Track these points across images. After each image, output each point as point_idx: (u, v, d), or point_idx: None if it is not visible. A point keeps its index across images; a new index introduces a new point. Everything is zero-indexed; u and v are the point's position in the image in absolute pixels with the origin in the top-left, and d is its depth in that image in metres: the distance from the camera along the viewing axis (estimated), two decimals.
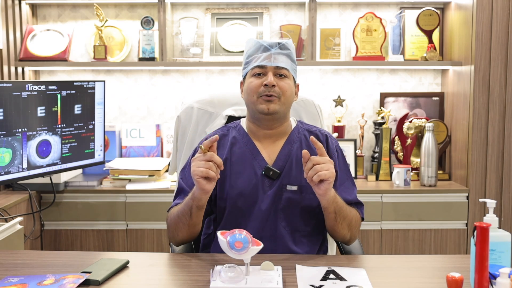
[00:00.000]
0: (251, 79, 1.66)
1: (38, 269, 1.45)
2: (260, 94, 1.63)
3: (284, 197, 1.65)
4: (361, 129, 3.17)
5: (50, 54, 3.06)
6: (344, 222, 1.62)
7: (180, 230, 1.61)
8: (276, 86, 1.63)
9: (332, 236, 1.71)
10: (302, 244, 1.67)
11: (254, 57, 1.67)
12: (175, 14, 3.20)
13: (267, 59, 1.65)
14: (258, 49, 1.67)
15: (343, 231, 1.64)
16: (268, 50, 1.65)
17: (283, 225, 1.65)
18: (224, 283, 1.30)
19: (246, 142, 1.71)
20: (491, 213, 1.29)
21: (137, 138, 3.17)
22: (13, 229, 2.12)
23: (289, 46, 1.69)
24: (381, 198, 2.82)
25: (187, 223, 1.58)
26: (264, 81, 1.63)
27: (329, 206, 1.57)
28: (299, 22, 3.19)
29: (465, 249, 2.84)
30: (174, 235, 1.65)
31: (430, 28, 3.06)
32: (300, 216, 1.66)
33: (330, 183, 1.50)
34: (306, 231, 1.68)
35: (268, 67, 1.64)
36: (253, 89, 1.65)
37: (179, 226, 1.60)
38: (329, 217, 1.60)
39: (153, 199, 2.79)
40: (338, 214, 1.59)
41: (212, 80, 3.23)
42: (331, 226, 1.64)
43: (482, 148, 2.82)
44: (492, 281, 1.20)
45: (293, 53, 1.72)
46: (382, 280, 1.38)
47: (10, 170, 2.18)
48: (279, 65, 1.64)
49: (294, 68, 1.71)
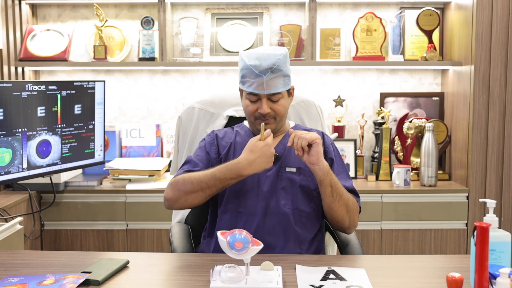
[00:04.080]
0: (247, 101, 1.74)
1: (38, 269, 1.45)
2: (257, 118, 1.74)
3: (284, 177, 1.73)
4: (361, 129, 3.17)
5: (50, 54, 3.06)
6: (341, 200, 1.66)
7: (197, 197, 1.66)
8: (270, 111, 1.71)
9: (331, 220, 1.72)
10: (302, 224, 1.72)
11: (247, 80, 1.70)
12: (175, 14, 3.20)
13: (260, 87, 1.68)
14: (251, 73, 1.69)
15: (341, 210, 1.67)
16: (260, 77, 1.67)
17: (283, 203, 1.71)
18: (224, 283, 1.31)
19: (248, 135, 1.81)
20: (491, 213, 1.29)
21: (137, 138, 3.17)
22: (13, 229, 2.12)
23: (281, 66, 1.69)
24: (381, 198, 2.82)
25: (208, 193, 1.66)
26: (258, 108, 1.71)
27: (325, 178, 1.64)
28: (299, 22, 3.19)
29: (465, 249, 2.84)
30: (186, 199, 1.67)
31: (430, 28, 3.06)
32: (300, 196, 1.73)
33: (318, 145, 1.62)
34: (306, 211, 1.73)
35: (261, 95, 1.70)
36: (249, 113, 1.75)
37: (198, 194, 1.65)
38: (326, 192, 1.65)
39: (153, 199, 2.79)
40: (334, 189, 1.65)
41: (212, 80, 3.23)
42: (328, 204, 1.67)
43: (482, 148, 2.82)
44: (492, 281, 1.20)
45: (287, 67, 1.72)
46: (382, 280, 1.38)
47: (10, 170, 2.18)
48: (271, 92, 1.69)
49: (288, 82, 1.74)
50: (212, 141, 1.81)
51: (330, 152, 1.79)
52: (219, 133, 1.85)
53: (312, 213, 1.74)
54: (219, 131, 1.86)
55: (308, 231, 1.73)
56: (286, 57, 1.72)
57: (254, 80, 1.68)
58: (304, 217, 1.72)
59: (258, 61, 1.68)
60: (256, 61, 1.68)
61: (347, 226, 1.71)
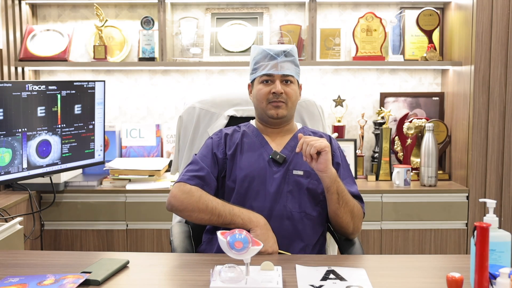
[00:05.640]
0: (260, 86, 1.78)
1: (38, 269, 1.45)
2: (270, 101, 1.77)
3: (291, 180, 1.73)
4: (361, 129, 3.17)
5: (50, 54, 3.06)
6: (346, 207, 1.68)
7: (201, 220, 1.67)
8: (283, 93, 1.76)
9: (335, 225, 1.74)
10: (308, 228, 1.72)
11: (261, 64, 1.78)
12: (175, 14, 3.20)
13: (274, 67, 1.76)
14: (265, 57, 1.78)
15: (346, 217, 1.69)
16: (275, 59, 1.77)
17: (290, 206, 1.71)
18: (224, 283, 1.30)
19: (256, 135, 1.83)
20: (491, 213, 1.29)
21: (137, 138, 3.17)
22: (13, 229, 2.12)
23: (293, 53, 1.81)
24: (381, 198, 2.82)
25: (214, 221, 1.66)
26: (272, 89, 1.76)
27: (332, 185, 1.65)
28: (299, 22, 3.19)
29: (465, 249, 2.84)
30: (190, 215, 1.68)
31: (430, 28, 3.06)
32: (307, 199, 1.73)
33: (327, 153, 1.61)
34: (312, 215, 1.73)
35: (275, 75, 1.77)
36: (262, 96, 1.78)
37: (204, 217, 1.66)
38: (332, 199, 1.67)
39: (153, 199, 2.79)
40: (341, 196, 1.66)
41: (212, 80, 3.23)
42: (334, 211, 1.69)
43: (482, 148, 2.82)
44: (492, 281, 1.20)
45: (297, 58, 1.84)
46: (382, 280, 1.38)
47: (10, 170, 2.18)
48: (285, 73, 1.77)
49: (298, 72, 1.83)
50: (220, 140, 1.81)
51: (336, 156, 1.80)
52: (228, 131, 1.85)
53: (318, 216, 1.75)
54: (227, 130, 1.86)
55: (313, 234, 1.73)
56: (296, 50, 1.83)
57: (268, 63, 1.77)
58: (310, 221, 1.72)
59: (271, 47, 1.80)
60: (270, 47, 1.80)
61: (351, 232, 1.74)
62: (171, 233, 1.86)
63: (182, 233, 1.86)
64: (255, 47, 1.83)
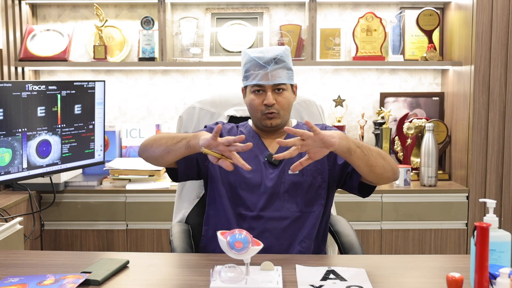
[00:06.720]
0: (252, 96, 1.74)
1: (38, 269, 1.45)
2: (263, 112, 1.73)
3: (287, 180, 1.72)
4: (361, 129, 3.17)
5: (50, 54, 3.06)
6: (373, 152, 1.57)
7: (160, 145, 1.66)
8: (275, 103, 1.71)
9: (377, 179, 1.63)
10: (306, 227, 1.71)
11: (251, 73, 1.73)
12: (175, 14, 3.20)
13: (264, 77, 1.71)
14: (255, 66, 1.72)
15: (379, 161, 1.58)
16: (265, 68, 1.70)
17: (287, 207, 1.70)
18: (224, 283, 1.30)
19: (252, 136, 1.80)
20: (491, 213, 1.29)
21: (137, 138, 3.17)
22: (13, 229, 2.12)
23: (284, 58, 1.73)
24: (381, 198, 2.82)
25: (165, 148, 1.64)
26: (264, 100, 1.72)
27: (350, 145, 1.52)
28: (299, 22, 3.19)
29: (465, 249, 2.84)
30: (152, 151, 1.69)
31: (430, 28, 3.06)
32: (304, 198, 1.72)
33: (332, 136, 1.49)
34: (310, 214, 1.72)
35: (266, 86, 1.71)
36: (255, 107, 1.74)
37: (161, 142, 1.65)
38: (358, 156, 1.54)
39: (153, 199, 2.79)
40: (362, 147, 1.55)
41: (212, 80, 3.23)
42: (367, 166, 1.57)
43: (482, 148, 2.82)
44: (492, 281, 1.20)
45: (289, 60, 1.77)
46: (382, 280, 1.38)
47: (10, 170, 2.18)
48: (276, 82, 1.71)
49: (291, 75, 1.76)
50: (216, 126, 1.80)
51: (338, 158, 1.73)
52: (227, 126, 1.85)
53: (317, 215, 1.73)
54: (227, 124, 1.86)
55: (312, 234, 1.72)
56: (288, 52, 1.77)
57: (258, 72, 1.71)
58: (309, 220, 1.72)
59: (261, 54, 1.73)
60: (260, 54, 1.72)
61: (394, 171, 1.64)
62: (171, 233, 1.86)
63: (182, 233, 1.86)
64: (245, 54, 1.77)
